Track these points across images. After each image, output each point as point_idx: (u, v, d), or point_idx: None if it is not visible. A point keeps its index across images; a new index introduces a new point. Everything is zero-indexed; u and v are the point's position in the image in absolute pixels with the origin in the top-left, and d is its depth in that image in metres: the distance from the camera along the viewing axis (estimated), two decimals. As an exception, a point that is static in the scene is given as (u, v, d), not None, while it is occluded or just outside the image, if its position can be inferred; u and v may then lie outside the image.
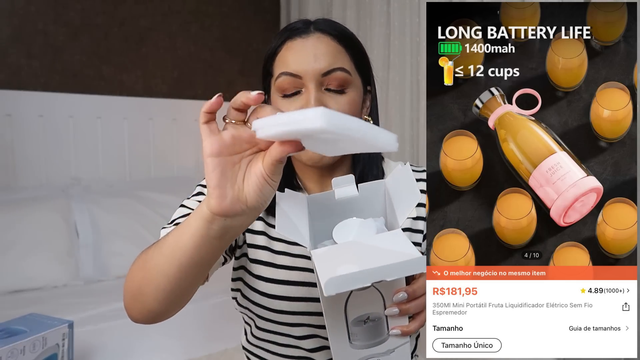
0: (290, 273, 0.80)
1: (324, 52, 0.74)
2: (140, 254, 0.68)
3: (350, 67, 0.76)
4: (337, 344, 0.61)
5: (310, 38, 0.75)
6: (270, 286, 0.80)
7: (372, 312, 0.61)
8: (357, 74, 0.78)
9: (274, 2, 2.94)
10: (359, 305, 0.60)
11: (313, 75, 0.73)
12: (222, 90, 2.75)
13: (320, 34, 0.76)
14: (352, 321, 0.61)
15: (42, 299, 1.68)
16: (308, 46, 0.74)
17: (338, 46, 0.76)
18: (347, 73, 0.75)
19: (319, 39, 0.75)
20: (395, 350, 0.63)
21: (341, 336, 0.61)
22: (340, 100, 0.74)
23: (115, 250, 1.99)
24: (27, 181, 2.15)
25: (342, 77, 0.74)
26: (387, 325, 0.62)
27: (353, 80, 0.76)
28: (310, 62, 0.73)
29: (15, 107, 2.12)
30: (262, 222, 0.84)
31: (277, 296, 0.79)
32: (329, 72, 0.74)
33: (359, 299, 0.60)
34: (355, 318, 0.60)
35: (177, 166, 2.58)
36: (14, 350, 0.93)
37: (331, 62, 0.74)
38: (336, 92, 0.75)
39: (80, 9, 2.30)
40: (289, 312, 0.79)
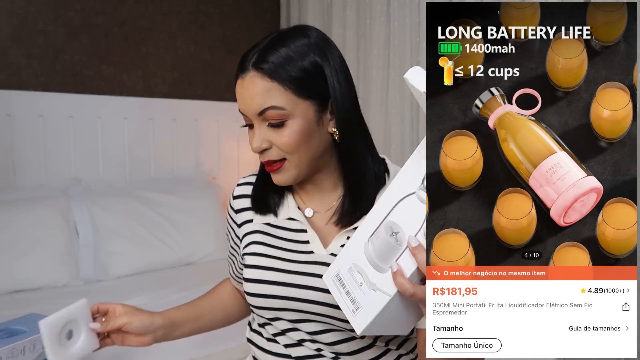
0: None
1: (255, 94, 0.78)
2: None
3: (284, 100, 0.77)
4: (359, 235, 0.69)
5: (246, 78, 0.78)
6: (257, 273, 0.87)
7: (403, 230, 0.65)
8: (300, 101, 0.78)
9: (274, 2, 2.94)
10: (401, 216, 0.66)
11: (252, 114, 0.79)
12: (222, 91, 2.76)
13: (254, 71, 0.78)
14: (385, 224, 0.66)
15: (42, 299, 1.68)
16: (244, 87, 0.79)
17: (268, 83, 0.77)
18: (279, 109, 0.77)
19: (251, 80, 0.78)
20: (376, 291, 0.65)
21: (369, 229, 0.68)
22: (281, 133, 0.79)
23: (115, 250, 1.99)
24: (27, 181, 2.15)
25: (275, 114, 0.78)
26: (392, 262, 0.64)
27: (291, 112, 0.78)
28: (248, 103, 0.79)
29: (15, 107, 2.12)
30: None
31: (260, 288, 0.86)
32: (263, 112, 0.78)
33: (405, 211, 0.66)
34: (388, 222, 0.66)
35: (177, 166, 2.58)
36: (14, 350, 0.93)
37: (261, 103, 0.77)
38: (276, 126, 0.79)
39: (80, 9, 2.30)
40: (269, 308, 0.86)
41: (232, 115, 2.71)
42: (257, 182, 0.91)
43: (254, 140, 0.80)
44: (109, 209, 2.07)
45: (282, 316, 0.84)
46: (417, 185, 0.66)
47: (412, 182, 0.67)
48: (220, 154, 2.73)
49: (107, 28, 2.38)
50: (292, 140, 0.78)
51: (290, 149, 0.79)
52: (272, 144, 0.79)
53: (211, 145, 2.68)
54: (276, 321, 0.85)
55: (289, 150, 0.79)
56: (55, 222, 1.92)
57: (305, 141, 0.79)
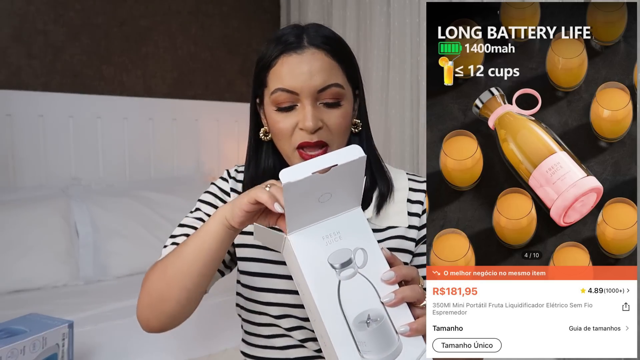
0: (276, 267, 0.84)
1: (319, 69, 0.77)
2: (152, 269, 0.78)
3: (343, 80, 0.80)
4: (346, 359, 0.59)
5: (305, 54, 0.77)
6: (256, 280, 0.84)
7: (369, 308, 0.61)
8: (348, 85, 0.81)
9: (274, 2, 2.94)
10: (353, 300, 0.61)
11: (309, 92, 0.76)
12: (222, 91, 2.76)
13: (315, 49, 0.78)
14: (354, 323, 0.60)
15: (42, 299, 1.68)
16: (304, 63, 0.77)
17: (332, 61, 0.79)
18: (341, 87, 0.79)
19: (313, 55, 0.77)
20: (406, 346, 0.61)
21: (348, 346, 0.59)
22: (335, 113, 0.78)
23: (115, 250, 1.99)
24: (27, 181, 2.15)
25: (337, 92, 0.78)
26: (394, 328, 0.61)
27: (346, 93, 0.80)
28: (306, 79, 0.76)
29: (15, 107, 2.12)
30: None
31: (262, 289, 0.83)
32: (325, 89, 0.77)
33: (350, 292, 0.61)
34: (356, 318, 0.60)
35: (177, 166, 2.58)
36: (14, 350, 0.93)
37: (326, 78, 0.77)
38: (331, 106, 0.78)
39: (80, 9, 2.30)
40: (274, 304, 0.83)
41: (232, 115, 2.71)
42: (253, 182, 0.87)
43: (309, 119, 0.76)
44: (109, 209, 2.07)
45: (292, 313, 0.82)
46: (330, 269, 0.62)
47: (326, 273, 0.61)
48: (220, 154, 2.73)
49: (107, 28, 2.38)
50: (344, 123, 0.79)
51: (340, 130, 0.79)
52: (324, 124, 0.78)
53: (211, 145, 2.68)
54: (283, 319, 0.83)
55: (339, 131, 0.79)
56: (55, 222, 1.91)
57: (349, 126, 0.81)
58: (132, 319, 1.51)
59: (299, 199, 0.59)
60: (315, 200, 0.61)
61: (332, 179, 0.60)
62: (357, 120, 0.85)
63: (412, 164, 2.21)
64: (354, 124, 0.85)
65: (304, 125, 0.76)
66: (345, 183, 0.62)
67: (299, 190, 0.58)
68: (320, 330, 0.62)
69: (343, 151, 0.61)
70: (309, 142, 0.77)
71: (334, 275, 0.61)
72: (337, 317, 0.60)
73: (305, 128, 0.76)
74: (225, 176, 0.93)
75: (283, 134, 0.79)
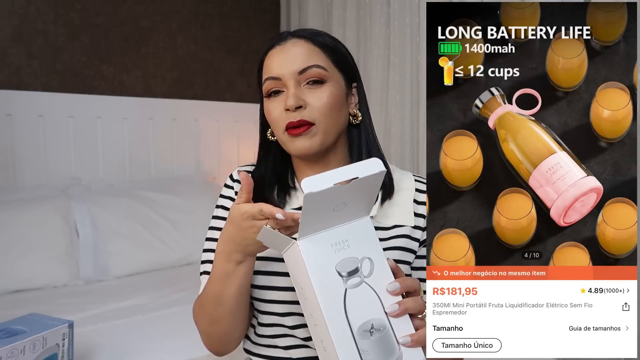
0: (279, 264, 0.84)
1: (299, 53, 0.81)
2: (199, 313, 0.86)
3: (326, 64, 0.83)
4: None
5: (287, 44, 0.83)
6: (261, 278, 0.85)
7: (373, 317, 0.61)
8: (335, 70, 0.84)
9: (274, 2, 2.94)
10: (358, 309, 0.61)
11: (290, 75, 0.81)
12: (222, 91, 2.76)
13: (296, 39, 0.83)
14: (358, 332, 0.61)
15: (42, 299, 1.68)
16: (285, 50, 0.83)
17: (312, 47, 0.83)
18: (323, 69, 0.82)
19: (293, 44, 0.83)
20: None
21: (351, 354, 0.60)
22: (319, 94, 0.81)
23: (115, 250, 1.99)
24: (27, 181, 2.15)
25: (318, 72, 0.81)
26: (396, 338, 0.62)
27: (331, 75, 0.82)
28: (288, 64, 0.81)
29: (15, 107, 2.12)
30: None
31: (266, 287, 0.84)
32: (305, 70, 0.81)
33: (356, 300, 0.61)
34: (360, 327, 0.61)
35: (177, 166, 2.58)
36: (14, 350, 0.93)
37: (305, 60, 0.81)
38: (314, 84, 0.81)
39: (80, 9, 2.30)
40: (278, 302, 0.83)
41: (232, 115, 2.71)
42: (261, 183, 0.87)
43: (290, 97, 0.80)
44: (109, 209, 2.07)
45: (295, 310, 0.82)
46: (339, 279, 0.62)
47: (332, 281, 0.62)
48: (220, 154, 2.73)
49: (107, 28, 2.38)
50: (328, 102, 0.81)
51: (325, 110, 0.80)
52: (307, 104, 0.80)
53: (211, 145, 2.68)
54: (288, 316, 0.83)
55: (324, 111, 0.80)
56: (55, 222, 1.91)
57: (337, 108, 0.83)
58: (132, 319, 1.53)
59: (316, 208, 0.60)
60: (330, 209, 0.62)
61: (350, 191, 0.61)
62: (357, 112, 0.87)
63: (412, 164, 2.21)
64: (354, 114, 0.87)
65: (287, 105, 0.80)
66: (361, 195, 0.63)
67: (318, 200, 0.59)
68: (321, 336, 0.62)
69: (364, 164, 0.63)
70: (292, 122, 0.80)
71: (340, 283, 0.62)
72: (342, 324, 0.60)
73: (287, 107, 0.80)
74: (229, 183, 0.94)
75: (275, 121, 0.82)
